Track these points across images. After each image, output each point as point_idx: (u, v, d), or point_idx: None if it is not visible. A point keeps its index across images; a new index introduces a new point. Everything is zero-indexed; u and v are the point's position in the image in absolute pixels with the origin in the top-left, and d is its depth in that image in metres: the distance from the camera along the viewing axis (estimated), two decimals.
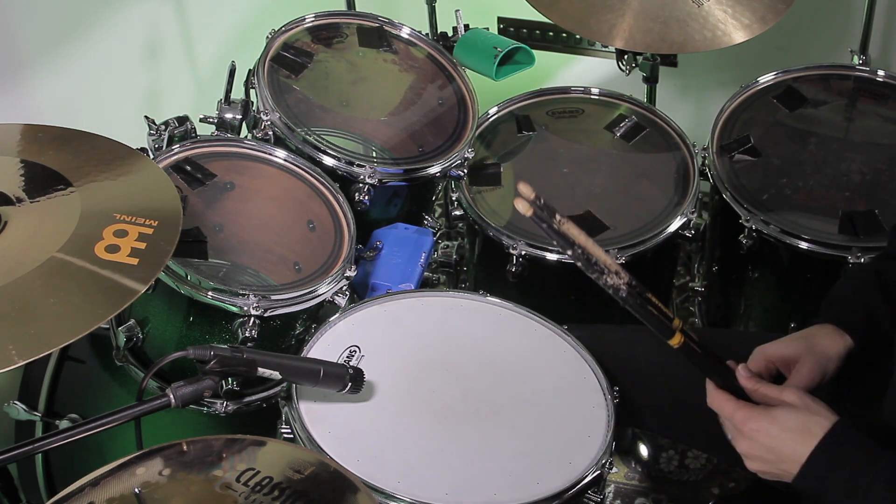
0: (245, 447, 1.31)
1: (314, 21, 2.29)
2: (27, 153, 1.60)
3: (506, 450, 1.51)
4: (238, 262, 1.86)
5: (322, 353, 1.62)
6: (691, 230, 2.11)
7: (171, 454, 1.29)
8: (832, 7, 2.78)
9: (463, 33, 2.42)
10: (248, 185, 1.97)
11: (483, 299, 1.77)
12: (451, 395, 1.58)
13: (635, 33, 2.24)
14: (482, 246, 2.16)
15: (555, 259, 2.05)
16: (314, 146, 2.04)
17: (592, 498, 1.49)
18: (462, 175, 2.15)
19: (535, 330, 1.73)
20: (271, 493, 1.23)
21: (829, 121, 2.26)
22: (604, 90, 2.41)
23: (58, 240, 1.43)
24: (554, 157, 2.28)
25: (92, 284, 1.38)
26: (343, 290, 1.86)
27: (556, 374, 1.65)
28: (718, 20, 2.23)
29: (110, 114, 2.32)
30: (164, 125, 1.97)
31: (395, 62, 2.32)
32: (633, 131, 2.32)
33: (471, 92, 2.29)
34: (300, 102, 2.14)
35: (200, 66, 2.76)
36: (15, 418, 1.96)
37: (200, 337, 1.81)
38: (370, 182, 2.03)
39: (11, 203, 1.50)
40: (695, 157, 2.22)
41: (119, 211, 1.49)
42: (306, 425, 1.50)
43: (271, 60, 2.16)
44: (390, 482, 1.43)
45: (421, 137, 2.20)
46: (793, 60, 2.38)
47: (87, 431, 1.28)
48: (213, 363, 1.36)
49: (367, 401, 1.56)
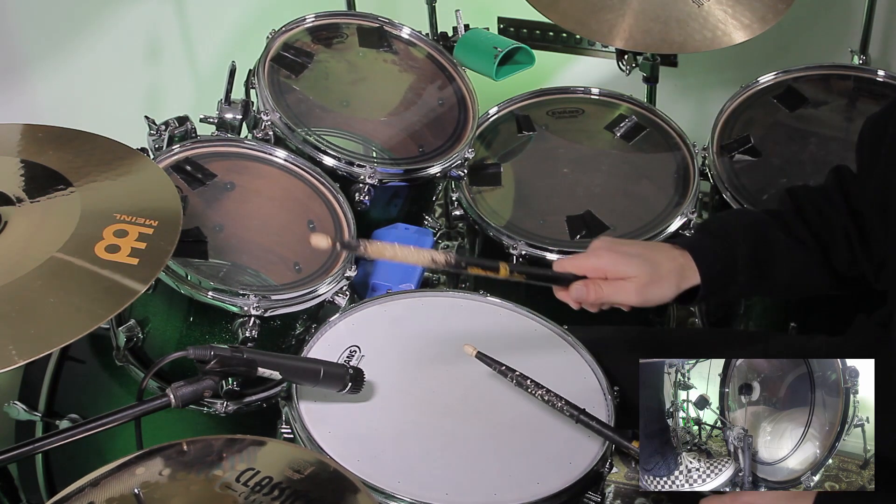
0: (245, 447, 1.31)
1: (314, 21, 2.29)
2: (27, 153, 1.60)
3: (506, 450, 1.51)
4: (238, 262, 1.86)
5: (322, 353, 1.62)
6: (691, 230, 2.11)
7: (171, 454, 1.29)
8: (832, 7, 2.78)
9: (463, 33, 2.43)
10: (249, 186, 1.97)
11: (483, 299, 1.77)
12: (451, 395, 1.58)
13: (635, 33, 2.24)
14: (482, 246, 2.16)
15: (555, 259, 2.05)
16: (314, 146, 2.04)
17: (592, 498, 1.49)
18: (462, 175, 2.15)
19: (535, 330, 1.73)
20: (271, 493, 1.23)
21: (829, 121, 2.26)
22: (604, 90, 2.41)
23: (58, 240, 1.43)
24: (554, 157, 2.28)
25: (92, 284, 1.38)
26: (343, 290, 1.86)
27: (556, 374, 1.65)
28: (718, 20, 2.23)
29: (110, 114, 2.32)
30: (165, 125, 1.98)
31: (395, 62, 2.32)
32: (633, 131, 2.32)
33: (471, 92, 2.29)
34: (300, 102, 2.14)
35: (200, 66, 2.76)
36: (15, 418, 1.96)
37: (200, 337, 1.81)
38: (370, 182, 2.03)
39: (11, 203, 1.50)
40: (695, 157, 2.22)
41: (119, 211, 1.49)
42: (306, 425, 1.50)
43: (271, 60, 2.16)
44: (390, 482, 1.43)
45: (421, 137, 2.20)
46: (793, 60, 2.38)
47: (87, 431, 1.28)
48: (213, 363, 1.36)
49: (367, 401, 1.56)
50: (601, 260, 1.52)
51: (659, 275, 1.51)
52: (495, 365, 1.54)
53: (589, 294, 1.52)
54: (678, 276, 1.53)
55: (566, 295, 1.54)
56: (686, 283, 1.53)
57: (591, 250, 1.55)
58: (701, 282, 1.53)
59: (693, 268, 1.53)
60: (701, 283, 1.53)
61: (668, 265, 1.52)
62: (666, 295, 1.52)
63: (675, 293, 1.53)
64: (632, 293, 1.51)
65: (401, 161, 2.14)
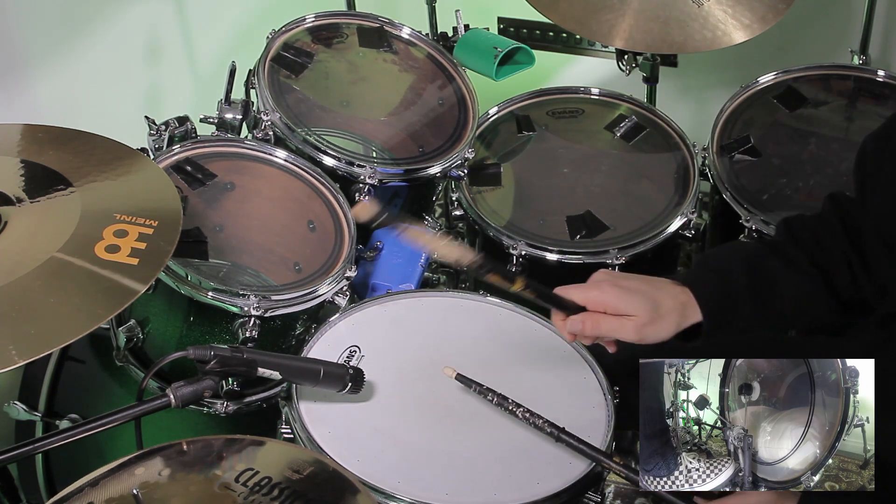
0: (244, 447, 1.31)
1: (314, 21, 2.29)
2: (27, 153, 1.60)
3: (506, 450, 1.51)
4: (238, 262, 1.86)
5: (322, 353, 1.62)
6: (691, 230, 2.11)
7: (171, 454, 1.29)
8: (832, 7, 2.78)
9: (463, 33, 2.43)
10: (249, 186, 1.97)
11: (483, 299, 1.77)
12: (451, 395, 1.58)
13: (635, 33, 2.24)
14: (482, 246, 2.16)
15: (555, 259, 2.05)
16: (314, 146, 2.04)
17: (592, 498, 1.49)
18: (462, 175, 2.15)
19: (534, 330, 1.73)
20: (270, 493, 1.23)
21: (829, 121, 2.26)
22: (604, 90, 2.41)
23: (58, 240, 1.43)
24: (554, 157, 2.28)
25: (92, 284, 1.38)
26: (343, 290, 1.86)
27: (556, 374, 1.65)
28: (718, 20, 2.24)
29: (110, 114, 2.32)
30: (165, 125, 1.98)
31: (395, 62, 2.32)
32: (633, 131, 2.32)
33: (471, 92, 2.29)
34: (300, 102, 2.14)
35: (200, 66, 2.76)
36: (15, 418, 1.96)
37: (200, 337, 1.81)
38: (370, 182, 2.03)
39: (11, 203, 1.50)
40: (695, 157, 2.22)
41: (119, 211, 1.49)
42: (306, 425, 1.50)
43: (271, 60, 2.16)
44: (390, 482, 1.43)
45: (421, 137, 2.20)
46: (793, 60, 2.38)
47: (87, 431, 1.28)
48: (213, 363, 1.36)
49: (367, 401, 1.56)
50: (604, 294, 1.49)
51: (659, 314, 1.49)
52: (475, 385, 1.53)
53: (586, 327, 1.49)
54: (679, 316, 1.50)
55: (562, 325, 1.52)
56: (687, 321, 1.51)
57: (593, 283, 1.52)
58: (703, 317, 1.51)
59: (694, 305, 1.51)
60: (703, 319, 1.51)
61: (669, 303, 1.49)
62: (664, 334, 1.50)
63: (674, 332, 1.50)
64: (630, 331, 1.48)
65: (401, 161, 2.14)
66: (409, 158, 2.15)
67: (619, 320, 1.48)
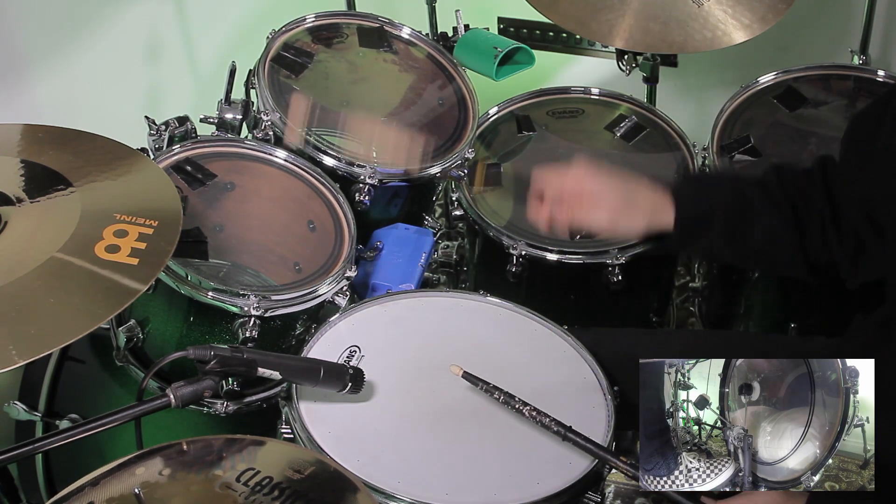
0: (245, 447, 1.31)
1: (314, 21, 2.29)
2: (27, 153, 1.60)
3: (506, 450, 1.51)
4: (238, 262, 1.86)
5: (322, 353, 1.62)
6: None
7: (171, 454, 1.29)
8: (832, 7, 2.78)
9: (463, 33, 2.42)
10: (249, 186, 1.97)
11: (483, 299, 1.77)
12: (451, 395, 1.58)
13: (635, 33, 2.24)
14: (482, 246, 2.16)
15: (555, 259, 2.05)
16: (314, 146, 2.04)
17: (592, 498, 1.49)
18: (462, 175, 2.15)
19: (535, 330, 1.73)
20: (271, 493, 1.23)
21: (829, 121, 2.26)
22: (604, 90, 2.41)
23: (58, 240, 1.43)
24: (554, 157, 2.28)
25: (92, 284, 1.38)
26: (343, 290, 1.86)
27: (556, 374, 1.65)
28: (718, 20, 2.24)
29: (110, 114, 2.32)
30: (165, 125, 1.98)
31: (395, 62, 2.32)
32: (634, 131, 2.32)
33: (471, 92, 2.29)
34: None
35: (200, 66, 2.76)
36: (15, 418, 1.96)
37: (200, 337, 1.81)
38: (370, 182, 2.03)
39: (11, 203, 1.50)
40: (695, 157, 2.22)
41: (119, 211, 1.49)
42: (306, 425, 1.50)
43: (272, 60, 2.16)
44: (390, 482, 1.43)
45: (421, 137, 2.20)
46: (793, 60, 2.38)
47: (87, 431, 1.28)
48: (213, 363, 1.36)
49: (367, 401, 1.56)
50: (581, 174, 1.55)
51: (632, 206, 1.52)
52: (481, 384, 1.53)
53: (562, 211, 1.54)
54: (651, 211, 1.53)
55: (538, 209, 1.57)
56: (657, 221, 1.53)
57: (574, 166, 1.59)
58: (674, 223, 1.53)
59: (668, 208, 1.54)
60: (674, 224, 1.53)
61: (642, 198, 1.54)
62: (636, 227, 1.54)
63: (644, 227, 1.54)
64: (603, 218, 1.53)
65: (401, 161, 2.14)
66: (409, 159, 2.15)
67: (593, 207, 1.51)
